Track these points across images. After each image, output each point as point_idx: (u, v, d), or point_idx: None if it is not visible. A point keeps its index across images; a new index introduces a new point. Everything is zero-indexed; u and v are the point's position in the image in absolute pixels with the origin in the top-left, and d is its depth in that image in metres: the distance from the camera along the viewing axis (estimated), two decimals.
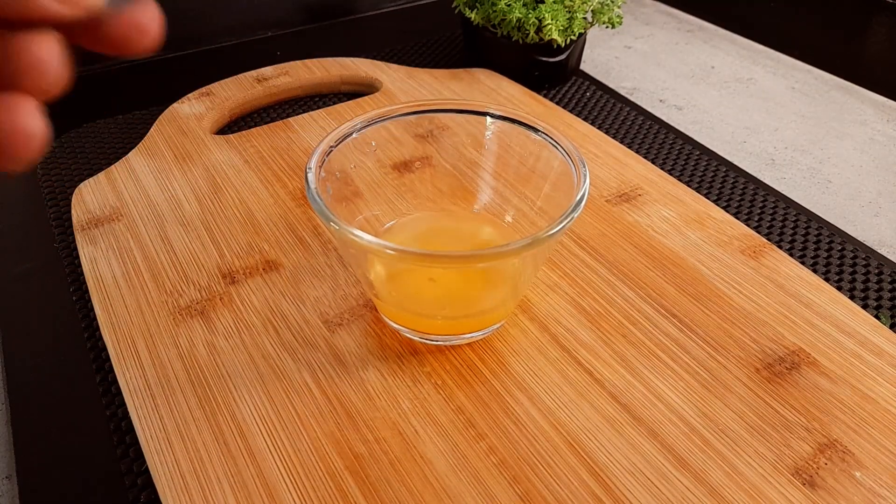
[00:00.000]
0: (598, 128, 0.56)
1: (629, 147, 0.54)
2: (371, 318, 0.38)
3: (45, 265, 0.43)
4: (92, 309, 0.39)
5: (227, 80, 0.59)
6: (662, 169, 0.51)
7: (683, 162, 0.53)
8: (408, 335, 0.36)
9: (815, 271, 0.42)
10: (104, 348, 0.37)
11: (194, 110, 0.55)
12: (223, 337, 0.36)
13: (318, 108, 0.57)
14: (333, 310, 0.38)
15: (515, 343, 0.36)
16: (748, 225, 0.46)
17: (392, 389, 0.34)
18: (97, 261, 0.41)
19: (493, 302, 0.36)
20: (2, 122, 0.15)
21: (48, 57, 0.15)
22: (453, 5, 0.61)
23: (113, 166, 0.49)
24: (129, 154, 0.51)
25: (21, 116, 0.16)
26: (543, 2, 0.57)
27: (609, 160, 0.50)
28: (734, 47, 0.75)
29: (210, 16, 0.70)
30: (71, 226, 0.45)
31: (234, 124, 0.57)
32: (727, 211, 0.47)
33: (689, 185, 0.49)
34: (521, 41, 0.58)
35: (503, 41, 0.59)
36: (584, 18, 0.58)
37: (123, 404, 0.34)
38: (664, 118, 0.61)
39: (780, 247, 0.44)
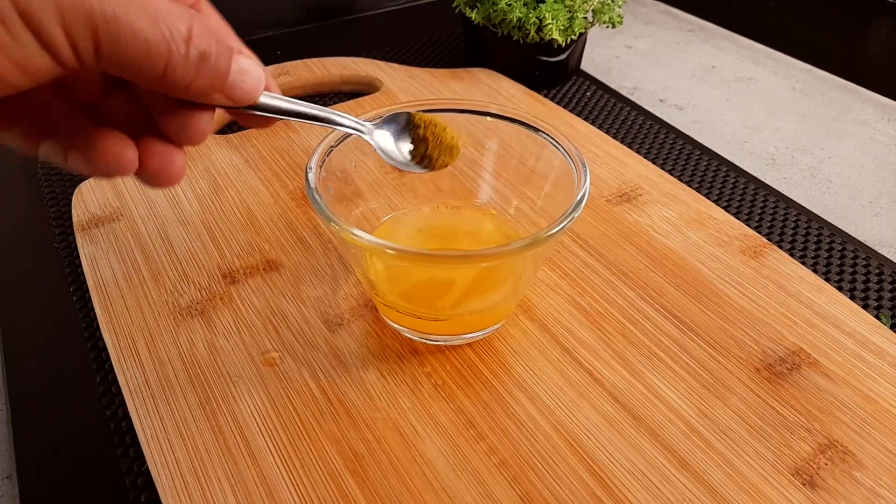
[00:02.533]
0: (599, 127, 0.56)
1: (630, 147, 0.54)
2: (371, 318, 0.38)
3: (46, 265, 0.43)
4: (92, 309, 0.39)
5: None
6: (663, 169, 0.51)
7: (684, 162, 0.53)
8: (408, 335, 0.36)
9: (815, 271, 0.42)
10: (104, 348, 0.37)
11: None
12: (223, 337, 0.36)
13: None
14: (334, 310, 0.38)
15: (516, 343, 0.36)
16: (749, 225, 0.46)
17: (392, 389, 0.34)
18: (97, 260, 0.41)
19: (493, 302, 0.36)
20: (159, 163, 0.24)
21: (206, 127, 0.24)
22: (453, 5, 0.61)
23: None
24: None
25: (172, 162, 0.24)
26: (544, 1, 0.57)
27: (609, 160, 0.50)
28: (735, 47, 0.75)
29: None
30: (71, 225, 0.45)
31: (234, 124, 0.57)
32: (728, 211, 0.47)
33: (689, 185, 0.49)
34: (521, 41, 0.58)
35: (504, 41, 0.59)
36: (585, 18, 0.58)
37: (123, 404, 0.34)
38: (665, 118, 0.61)
39: (780, 247, 0.44)
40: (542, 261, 0.40)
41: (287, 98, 0.27)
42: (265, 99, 0.25)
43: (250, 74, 0.23)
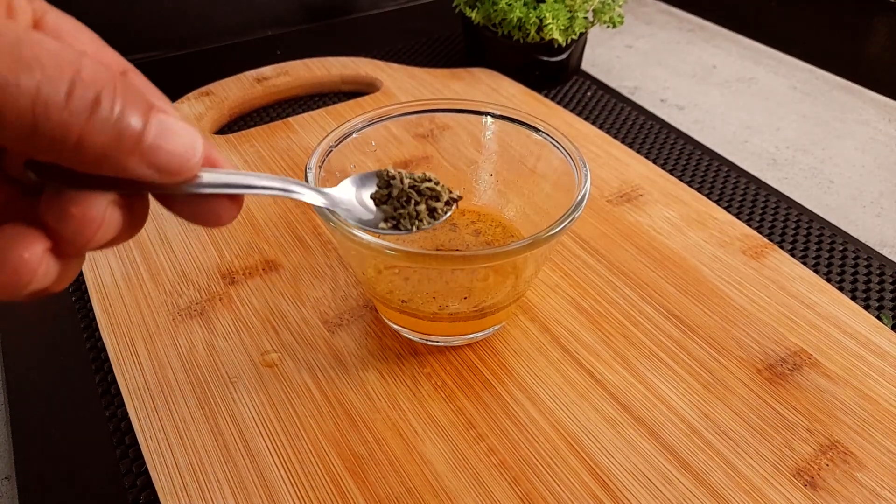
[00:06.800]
0: (599, 127, 0.56)
1: (630, 147, 0.53)
2: (371, 319, 0.38)
3: None
4: (91, 309, 0.39)
5: (226, 79, 0.59)
6: (664, 169, 0.51)
7: (685, 162, 0.53)
8: (408, 336, 0.36)
9: (816, 272, 0.42)
10: (103, 349, 0.37)
11: (194, 110, 0.55)
12: (222, 337, 0.36)
13: (318, 107, 0.57)
14: (333, 310, 0.38)
15: (516, 344, 0.36)
16: (750, 225, 0.46)
17: (392, 390, 0.34)
18: (96, 261, 0.41)
19: (493, 302, 0.36)
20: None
21: (98, 216, 0.18)
22: (453, 4, 0.61)
23: None
24: None
25: (21, 251, 0.17)
26: (544, 1, 0.57)
27: (610, 160, 0.50)
28: (736, 47, 0.75)
29: (210, 16, 0.70)
30: None
31: (233, 124, 0.57)
32: (729, 211, 0.47)
33: (690, 185, 0.49)
34: (521, 40, 0.58)
35: (504, 40, 0.59)
36: (585, 18, 0.58)
37: (122, 405, 0.34)
38: (665, 118, 0.61)
39: (781, 247, 0.44)
40: (543, 261, 0.40)
41: (234, 171, 0.21)
42: (207, 175, 0.20)
43: (179, 137, 0.18)
